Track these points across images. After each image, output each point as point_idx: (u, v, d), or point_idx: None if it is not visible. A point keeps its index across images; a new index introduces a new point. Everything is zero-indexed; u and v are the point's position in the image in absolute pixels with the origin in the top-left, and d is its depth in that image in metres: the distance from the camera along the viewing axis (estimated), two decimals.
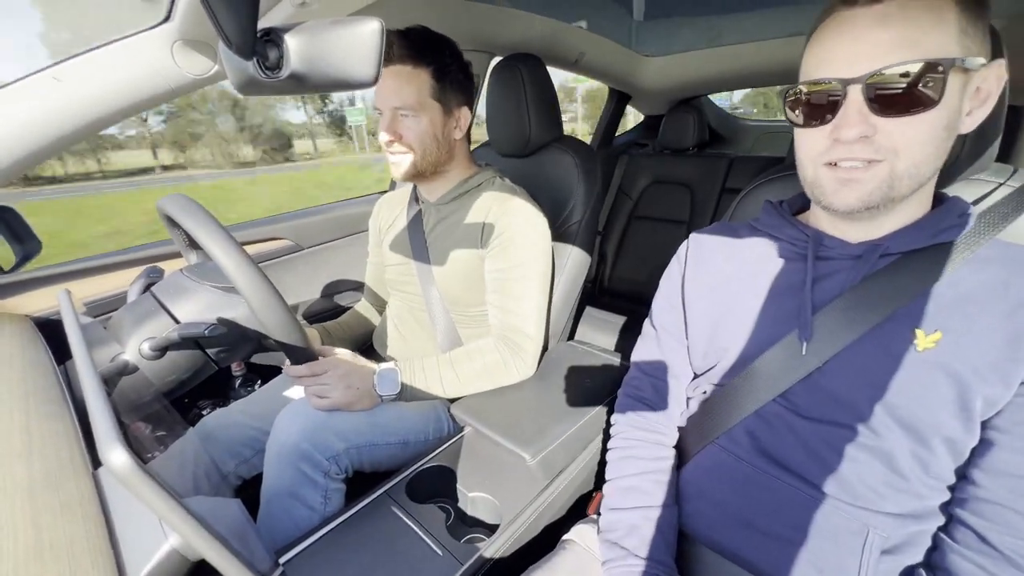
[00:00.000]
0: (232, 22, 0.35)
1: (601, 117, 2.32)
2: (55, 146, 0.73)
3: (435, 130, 0.86)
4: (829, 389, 0.53)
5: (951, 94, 0.45)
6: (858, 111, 0.46)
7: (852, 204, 0.50)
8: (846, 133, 0.47)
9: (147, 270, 0.85)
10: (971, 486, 0.49)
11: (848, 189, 0.49)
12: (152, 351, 0.70)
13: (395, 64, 0.81)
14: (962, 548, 0.48)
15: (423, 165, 0.88)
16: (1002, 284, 0.48)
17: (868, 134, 0.47)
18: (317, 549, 0.61)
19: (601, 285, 2.03)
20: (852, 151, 0.48)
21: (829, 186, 0.51)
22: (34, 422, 0.54)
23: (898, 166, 0.47)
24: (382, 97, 0.84)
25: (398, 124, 0.85)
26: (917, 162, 0.47)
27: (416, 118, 0.84)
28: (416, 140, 0.85)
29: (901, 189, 0.48)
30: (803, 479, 0.54)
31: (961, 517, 0.49)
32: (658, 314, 0.72)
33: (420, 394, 0.84)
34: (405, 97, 0.82)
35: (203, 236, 0.61)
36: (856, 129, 0.47)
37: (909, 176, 0.47)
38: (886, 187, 0.48)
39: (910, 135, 0.46)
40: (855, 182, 0.49)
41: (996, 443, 0.48)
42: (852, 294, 0.53)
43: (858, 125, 0.46)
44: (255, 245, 1.29)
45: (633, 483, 0.64)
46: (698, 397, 0.66)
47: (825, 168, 0.51)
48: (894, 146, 0.46)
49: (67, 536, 0.39)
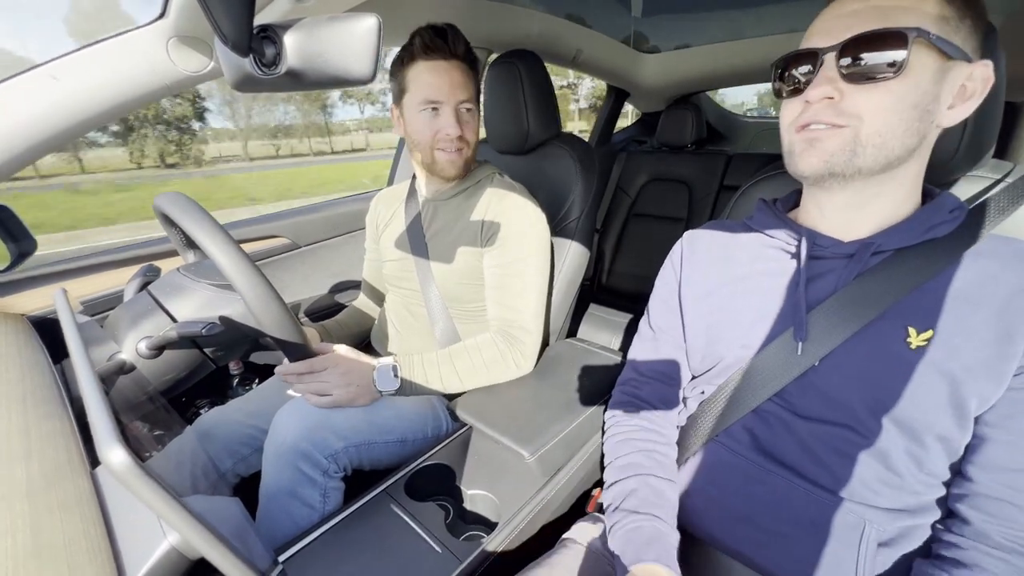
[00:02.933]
0: (228, 18, 0.35)
1: (599, 114, 2.32)
2: (50, 143, 0.73)
3: (477, 124, 0.89)
4: (823, 388, 0.54)
5: (919, 69, 0.46)
6: (827, 77, 0.49)
7: (816, 166, 0.51)
8: (812, 93, 0.50)
9: (144, 268, 0.85)
10: (967, 481, 0.49)
11: (812, 150, 0.51)
12: (149, 350, 0.70)
13: (460, 59, 0.83)
14: (963, 542, 0.48)
15: (472, 159, 0.90)
16: (992, 279, 0.48)
17: (834, 97, 0.49)
18: (316, 547, 0.61)
19: (599, 283, 2.03)
20: (818, 113, 0.50)
21: (797, 148, 0.53)
22: (32, 422, 0.53)
23: (861, 132, 0.48)
24: (449, 91, 0.84)
25: (461, 119, 0.86)
26: (880, 130, 0.48)
27: (474, 113, 0.87)
28: (473, 134, 0.88)
29: (865, 158, 0.49)
30: (801, 475, 0.54)
31: (959, 512, 0.49)
32: (655, 315, 0.72)
33: (419, 389, 0.84)
34: (471, 92, 0.85)
35: (199, 234, 0.61)
36: (821, 89, 0.49)
37: (873, 145, 0.48)
38: (848, 151, 0.49)
39: (875, 102, 0.47)
40: (819, 142, 0.50)
41: (988, 438, 0.48)
42: (845, 293, 0.53)
43: (824, 86, 0.49)
44: (252, 244, 1.29)
45: (631, 460, 0.64)
46: (696, 397, 0.66)
47: (796, 133, 0.53)
48: (858, 111, 0.48)
49: (66, 535, 0.39)
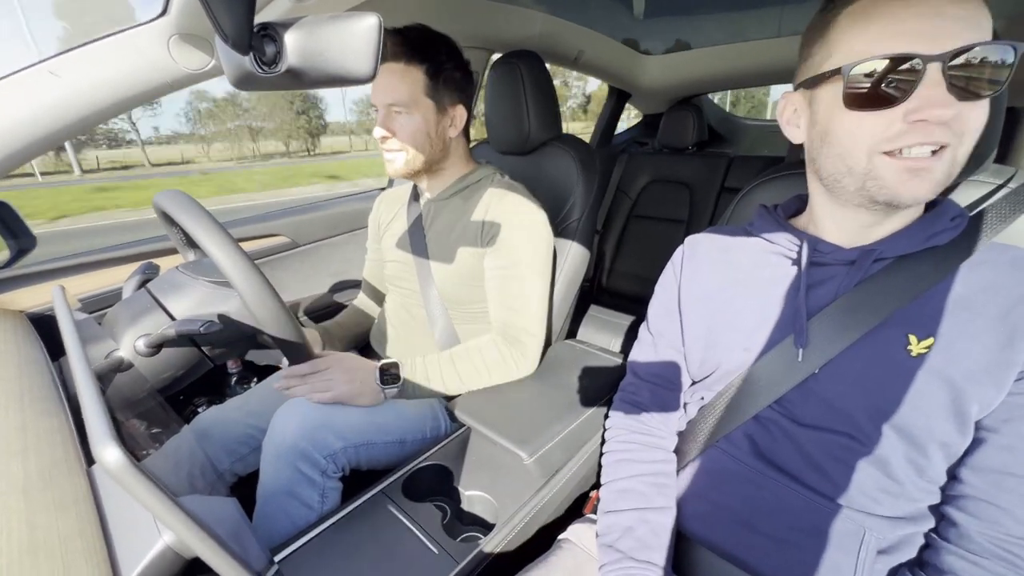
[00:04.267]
0: (229, 17, 0.35)
1: (600, 115, 2.32)
2: (49, 140, 0.73)
3: (428, 128, 0.86)
4: (823, 396, 0.53)
5: None
6: (944, 92, 0.42)
7: (922, 196, 0.45)
8: (939, 114, 0.42)
9: (142, 266, 0.85)
10: (958, 484, 0.49)
11: (919, 180, 0.44)
12: (147, 348, 0.70)
13: (389, 61, 0.82)
14: (949, 545, 0.48)
15: (415, 163, 0.88)
16: (993, 287, 0.48)
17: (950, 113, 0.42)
18: (313, 547, 0.61)
19: (599, 284, 2.03)
20: (932, 135, 0.43)
21: (893, 177, 0.45)
22: (29, 419, 0.53)
23: (959, 152, 0.44)
24: (377, 93, 0.85)
25: (391, 121, 0.85)
26: (970, 149, 0.44)
27: (409, 115, 0.85)
28: (408, 137, 0.86)
29: (952, 178, 0.45)
30: (800, 482, 0.54)
31: (948, 514, 0.49)
32: (655, 320, 0.72)
33: (421, 391, 0.84)
34: (398, 94, 0.83)
35: (199, 232, 0.61)
36: (949, 110, 0.42)
37: (960, 164, 0.44)
38: (946, 176, 0.44)
39: (978, 119, 0.43)
40: (926, 171, 0.44)
41: (984, 441, 0.48)
42: (846, 300, 0.53)
43: (949, 107, 0.42)
44: (252, 242, 1.28)
45: (629, 485, 0.63)
46: (696, 403, 0.66)
47: (884, 157, 0.45)
48: (964, 130, 0.43)
49: (61, 533, 0.39)
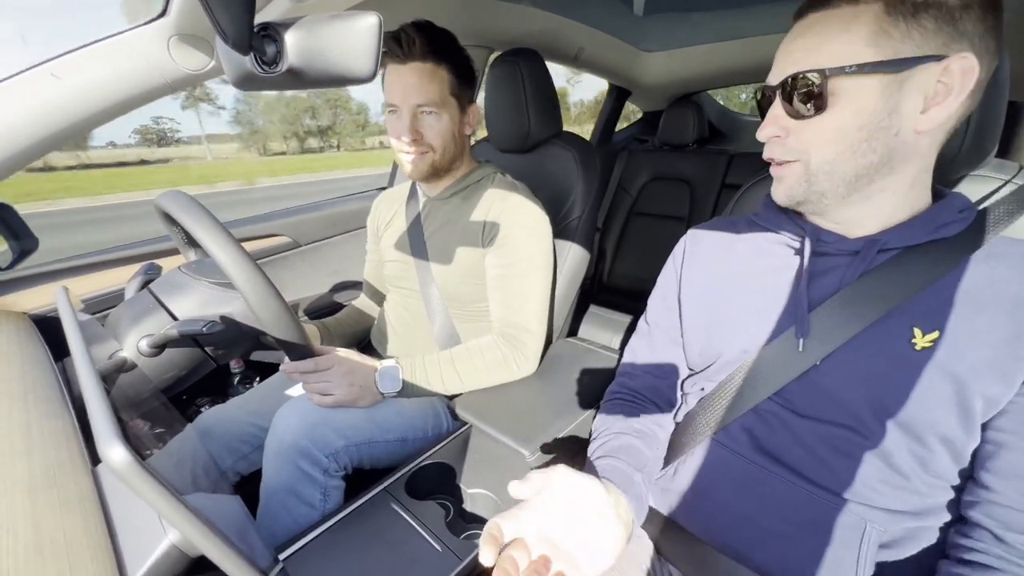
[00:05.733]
0: (229, 17, 0.35)
1: (600, 113, 2.32)
2: (50, 141, 0.73)
3: (454, 127, 0.86)
4: (825, 387, 0.53)
5: (855, 94, 0.46)
6: (774, 115, 0.52)
7: (780, 199, 0.55)
8: (760, 133, 0.54)
9: (145, 267, 0.85)
10: (981, 489, 0.48)
11: (778, 184, 0.55)
12: (150, 348, 0.70)
13: (417, 61, 0.80)
14: (980, 546, 0.47)
15: (441, 163, 0.88)
16: (1001, 281, 0.48)
17: (780, 135, 0.52)
18: (317, 545, 0.61)
19: (600, 282, 2.03)
20: (771, 151, 0.54)
21: (774, 180, 0.57)
22: (33, 419, 0.54)
23: (811, 164, 0.51)
24: (402, 94, 0.82)
25: (419, 122, 0.84)
26: (827, 159, 0.50)
27: (438, 116, 0.84)
28: (437, 137, 0.85)
29: (822, 185, 0.51)
30: (800, 475, 0.54)
31: (974, 519, 0.48)
32: (653, 311, 0.72)
33: (421, 391, 0.84)
34: (429, 94, 0.82)
35: (200, 233, 0.61)
36: (767, 130, 0.53)
37: (824, 173, 0.50)
38: (804, 183, 0.52)
39: (817, 135, 0.49)
40: (779, 179, 0.55)
41: (1004, 445, 0.47)
42: (849, 290, 0.53)
43: (769, 126, 0.52)
44: (253, 242, 1.29)
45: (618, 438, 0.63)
46: (695, 393, 0.66)
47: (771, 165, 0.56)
48: (804, 147, 0.51)
49: (67, 533, 0.39)
